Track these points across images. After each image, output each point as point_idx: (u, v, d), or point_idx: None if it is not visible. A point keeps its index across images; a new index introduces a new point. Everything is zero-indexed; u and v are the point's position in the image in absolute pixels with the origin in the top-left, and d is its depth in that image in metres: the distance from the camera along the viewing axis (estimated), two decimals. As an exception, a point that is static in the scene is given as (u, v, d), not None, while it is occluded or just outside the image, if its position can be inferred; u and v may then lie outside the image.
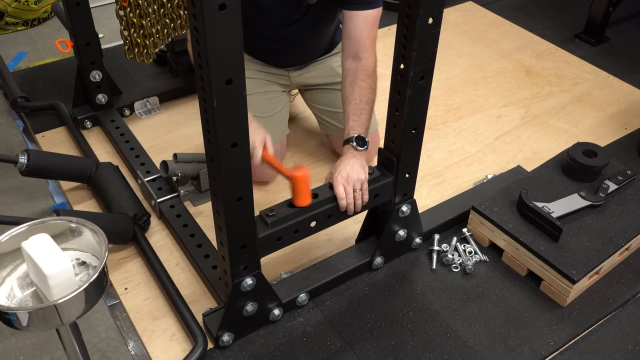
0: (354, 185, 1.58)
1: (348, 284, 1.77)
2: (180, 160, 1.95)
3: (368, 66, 1.75)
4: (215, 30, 1.09)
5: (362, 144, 1.68)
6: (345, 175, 1.58)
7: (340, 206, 1.59)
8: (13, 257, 1.10)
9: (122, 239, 1.82)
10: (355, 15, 1.75)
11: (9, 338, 1.64)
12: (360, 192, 1.59)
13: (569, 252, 1.72)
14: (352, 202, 1.59)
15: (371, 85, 1.75)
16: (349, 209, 1.60)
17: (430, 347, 1.60)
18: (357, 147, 1.66)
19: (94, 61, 2.22)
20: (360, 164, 1.63)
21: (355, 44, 1.76)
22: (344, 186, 1.57)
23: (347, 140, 1.70)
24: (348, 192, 1.58)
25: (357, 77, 1.74)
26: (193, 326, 1.59)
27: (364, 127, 1.71)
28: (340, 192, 1.57)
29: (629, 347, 1.63)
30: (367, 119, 1.73)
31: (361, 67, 1.74)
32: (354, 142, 1.67)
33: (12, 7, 2.96)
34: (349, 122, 1.72)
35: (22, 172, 1.85)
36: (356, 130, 1.70)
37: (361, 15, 1.75)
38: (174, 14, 2.19)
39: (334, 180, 1.59)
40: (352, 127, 1.71)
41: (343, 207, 1.59)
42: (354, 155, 1.65)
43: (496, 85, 2.66)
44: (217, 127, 1.20)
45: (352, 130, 1.70)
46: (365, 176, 1.60)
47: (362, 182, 1.59)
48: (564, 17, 3.21)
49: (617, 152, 2.27)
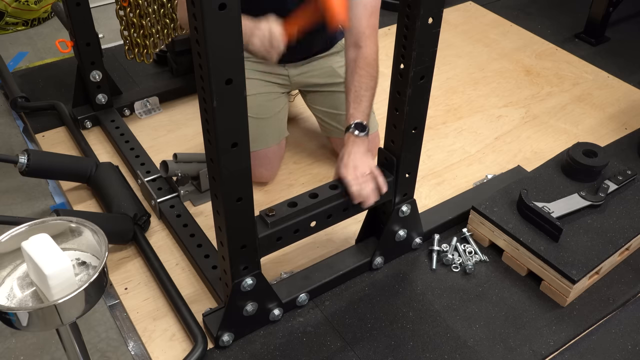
0: (362, 170, 1.55)
1: (348, 284, 1.77)
2: (180, 160, 1.95)
3: (368, 54, 1.74)
4: (215, 30, 1.09)
5: (362, 129, 1.66)
6: (352, 166, 1.57)
7: (352, 197, 1.55)
8: (13, 257, 1.10)
9: (122, 239, 1.82)
10: (354, 4, 1.74)
11: (9, 338, 1.64)
12: (371, 175, 1.56)
13: (569, 252, 1.72)
14: (363, 187, 1.55)
15: (371, 72, 1.73)
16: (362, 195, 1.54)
17: (430, 347, 1.60)
18: (356, 133, 1.65)
19: (94, 61, 2.22)
20: (364, 151, 1.61)
21: (354, 33, 1.75)
22: (351, 173, 1.55)
23: (347, 128, 1.69)
24: (356, 177, 1.54)
25: (357, 66, 1.73)
26: (193, 326, 1.59)
27: (364, 114, 1.69)
28: (350, 181, 1.54)
29: (629, 347, 1.63)
30: (367, 106, 1.71)
31: (361, 55, 1.73)
32: (352, 128, 1.66)
33: (12, 7, 2.96)
34: (349, 110, 1.71)
35: (22, 172, 1.85)
36: (356, 117, 1.68)
37: (360, 4, 1.74)
38: (174, 14, 2.19)
39: (340, 171, 1.57)
40: (352, 115, 1.69)
41: (355, 196, 1.55)
42: (355, 143, 1.63)
43: (496, 85, 2.66)
44: (217, 127, 1.20)
45: (351, 117, 1.69)
46: (374, 162, 1.58)
47: (371, 166, 1.58)
48: (564, 17, 3.21)
49: (617, 152, 2.27)
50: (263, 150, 2.00)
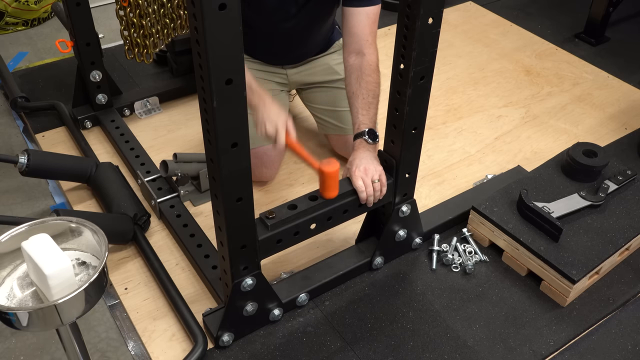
0: (372, 177, 1.60)
1: (348, 284, 1.77)
2: (180, 160, 1.95)
3: (372, 61, 1.77)
4: (215, 30, 1.09)
5: (374, 137, 1.70)
6: (362, 169, 1.61)
7: (360, 199, 1.61)
8: (13, 257, 1.10)
9: (122, 239, 1.82)
10: (357, 12, 1.76)
11: (9, 338, 1.64)
12: (379, 182, 1.61)
13: (569, 252, 1.72)
14: (372, 193, 1.61)
15: (376, 79, 1.77)
16: (369, 201, 1.62)
17: (430, 347, 1.60)
18: (369, 141, 1.68)
19: (94, 61, 2.22)
20: (374, 157, 1.65)
21: (357, 40, 1.78)
22: (363, 179, 1.59)
23: (358, 134, 1.71)
24: (367, 185, 1.60)
25: (363, 73, 1.76)
26: (193, 326, 1.59)
27: (373, 121, 1.73)
28: (360, 185, 1.59)
29: (629, 347, 1.63)
30: (375, 113, 1.75)
31: (366, 63, 1.76)
32: (365, 135, 1.69)
33: (12, 7, 2.96)
34: (359, 116, 1.74)
35: (22, 172, 1.85)
36: (366, 124, 1.72)
37: (363, 12, 1.76)
38: (174, 14, 2.19)
39: (351, 175, 1.61)
40: (362, 122, 1.72)
41: (363, 200, 1.61)
42: (367, 149, 1.67)
43: (496, 85, 2.66)
44: (217, 127, 1.20)
45: (362, 125, 1.72)
46: (382, 168, 1.63)
47: (380, 173, 1.62)
48: (564, 17, 3.21)
49: (617, 152, 2.27)
50: (263, 147, 1.99)
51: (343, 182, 1.61)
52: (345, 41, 1.82)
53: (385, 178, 1.63)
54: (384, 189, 1.63)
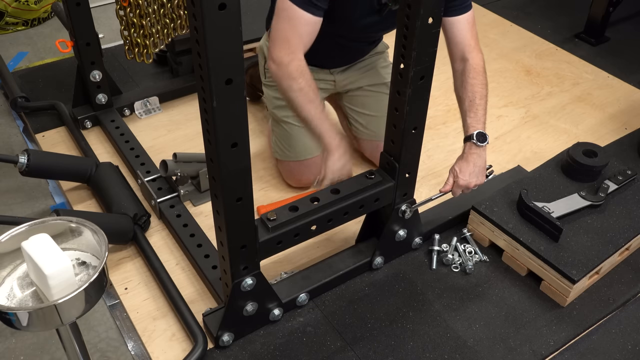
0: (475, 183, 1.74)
1: (348, 284, 1.77)
2: (180, 160, 1.95)
3: (476, 64, 1.78)
4: (215, 30, 1.09)
5: (483, 139, 1.73)
6: (464, 183, 1.73)
7: (453, 194, 1.78)
8: (13, 257, 1.10)
9: (122, 239, 1.82)
10: (457, 21, 1.76)
11: (9, 338, 1.64)
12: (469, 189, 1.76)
13: (569, 252, 1.72)
14: (458, 194, 1.78)
15: (482, 81, 1.78)
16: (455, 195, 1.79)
17: (430, 347, 1.60)
18: (478, 144, 1.72)
19: (94, 61, 2.22)
20: (483, 165, 1.75)
21: (461, 48, 1.78)
22: (458, 191, 1.76)
23: (467, 137, 1.74)
24: (457, 193, 1.77)
25: (467, 76, 1.77)
26: (193, 326, 1.59)
27: (481, 122, 1.75)
28: (453, 193, 1.76)
29: (629, 347, 1.63)
30: (483, 114, 1.77)
31: (469, 67, 1.77)
32: (474, 138, 1.72)
33: (12, 7, 2.96)
34: (467, 119, 1.76)
35: (22, 172, 1.85)
36: (475, 127, 1.74)
37: (463, 19, 1.77)
38: (174, 14, 2.19)
39: (455, 181, 1.73)
40: (471, 124, 1.74)
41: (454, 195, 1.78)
42: (476, 153, 1.73)
43: (496, 85, 2.66)
44: (217, 127, 1.20)
45: (470, 127, 1.74)
46: (483, 180, 1.77)
47: (479, 183, 1.75)
48: (563, 17, 3.21)
49: (617, 152, 2.26)
50: (315, 158, 1.99)
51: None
52: (450, 50, 1.82)
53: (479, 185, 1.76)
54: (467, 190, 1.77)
